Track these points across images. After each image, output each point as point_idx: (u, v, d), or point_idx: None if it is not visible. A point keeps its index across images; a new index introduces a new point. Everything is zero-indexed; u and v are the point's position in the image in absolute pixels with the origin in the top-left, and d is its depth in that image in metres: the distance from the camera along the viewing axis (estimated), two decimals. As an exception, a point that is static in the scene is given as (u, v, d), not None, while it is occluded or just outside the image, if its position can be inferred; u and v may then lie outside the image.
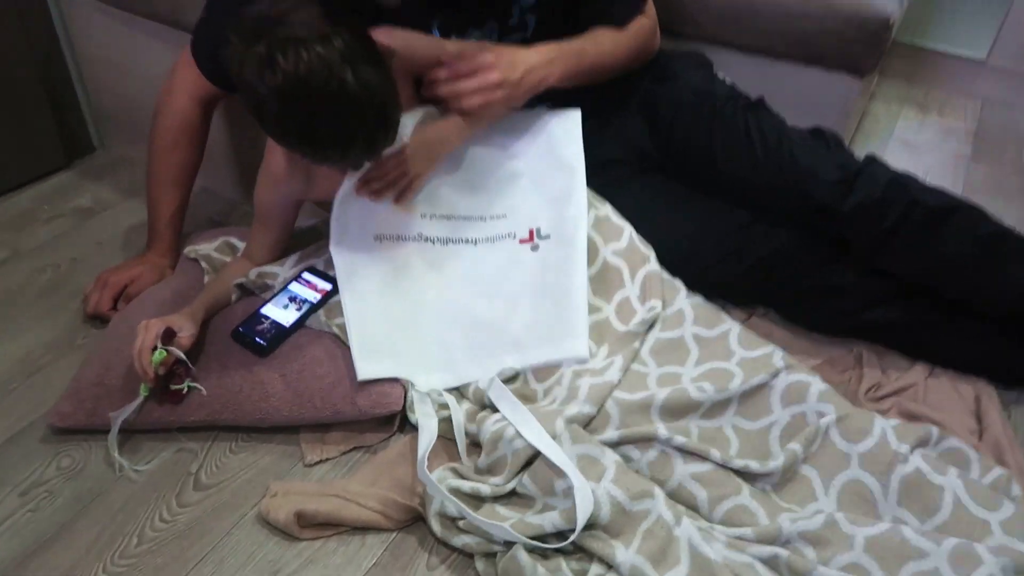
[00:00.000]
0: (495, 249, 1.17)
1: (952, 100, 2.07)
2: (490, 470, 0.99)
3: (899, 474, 0.92)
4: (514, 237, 1.17)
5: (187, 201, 1.34)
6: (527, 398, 1.05)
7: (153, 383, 1.04)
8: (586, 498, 0.88)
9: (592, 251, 1.16)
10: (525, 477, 0.95)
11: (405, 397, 1.08)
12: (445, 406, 1.07)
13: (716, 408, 1.01)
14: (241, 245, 1.30)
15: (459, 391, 1.10)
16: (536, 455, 0.94)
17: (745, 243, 1.18)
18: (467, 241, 1.18)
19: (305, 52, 0.87)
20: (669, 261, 1.20)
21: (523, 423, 0.97)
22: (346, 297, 1.12)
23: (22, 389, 1.17)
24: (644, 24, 1.25)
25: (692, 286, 1.20)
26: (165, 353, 1.03)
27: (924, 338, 1.16)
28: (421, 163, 1.11)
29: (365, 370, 1.06)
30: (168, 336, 1.04)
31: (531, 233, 1.17)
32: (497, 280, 1.14)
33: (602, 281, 1.15)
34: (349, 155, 0.98)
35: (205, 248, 1.32)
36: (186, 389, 1.07)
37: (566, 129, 1.21)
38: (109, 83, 1.65)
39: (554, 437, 0.95)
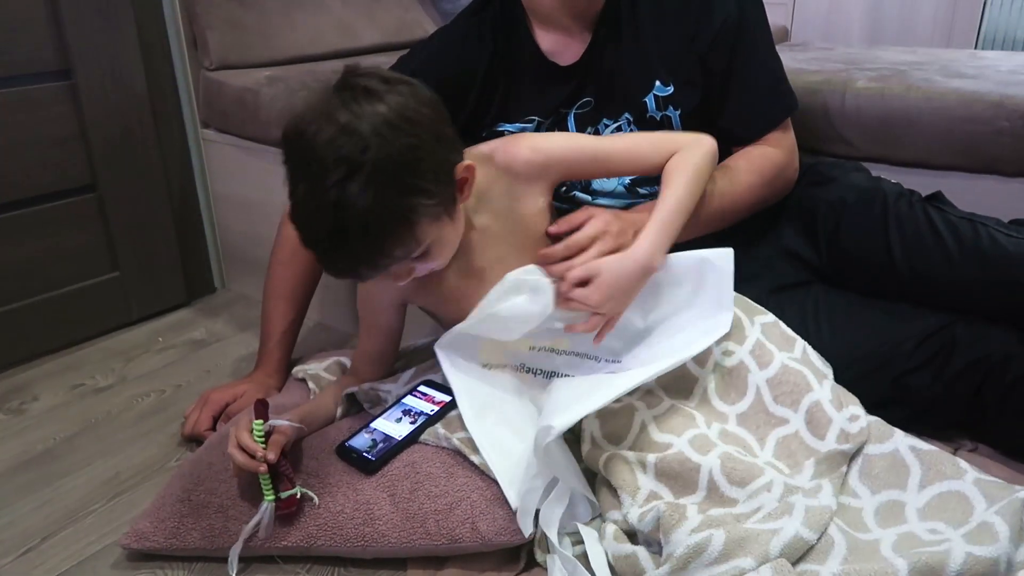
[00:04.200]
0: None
1: None
2: None
3: None
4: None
5: (300, 320, 1.26)
6: (723, 502, 0.83)
7: (267, 466, 0.89)
8: None
9: (766, 356, 0.96)
10: None
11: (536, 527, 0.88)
12: (579, 540, 0.86)
13: None
14: (352, 366, 1.19)
15: (601, 516, 0.89)
16: None
17: (949, 345, 0.97)
18: (568, 376, 1.01)
19: (340, 113, 0.78)
20: (859, 373, 0.99)
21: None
22: (467, 413, 0.97)
23: (102, 511, 1.04)
24: (772, 158, 1.10)
25: (890, 405, 0.99)
26: (262, 423, 0.90)
27: None
28: (617, 305, 0.93)
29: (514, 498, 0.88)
30: (261, 410, 0.91)
31: None
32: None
33: (783, 385, 0.94)
34: (321, 254, 0.85)
35: (314, 367, 1.21)
36: (299, 494, 0.91)
37: (717, 273, 1.00)
38: (237, 222, 1.67)
39: (762, 562, 0.72)
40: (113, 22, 1.44)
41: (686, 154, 0.96)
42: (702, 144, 0.98)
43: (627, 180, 1.10)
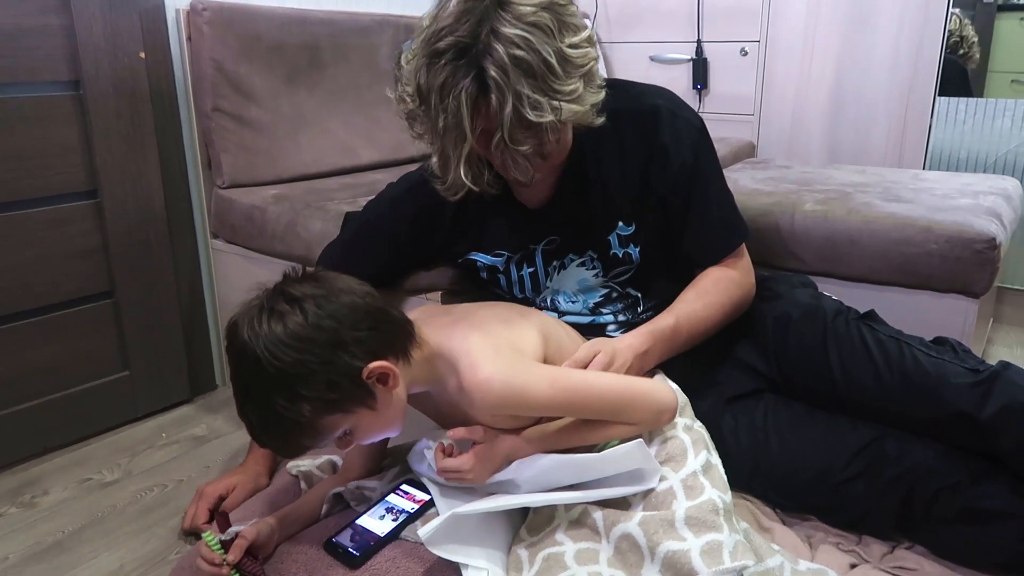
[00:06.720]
0: None
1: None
2: None
3: None
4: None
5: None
6: None
7: (235, 569, 0.98)
8: None
9: (697, 490, 1.02)
10: None
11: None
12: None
13: None
14: (343, 464, 1.29)
15: None
16: None
17: (879, 458, 1.08)
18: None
19: (266, 320, 0.90)
20: (802, 481, 1.10)
21: None
22: (442, 509, 1.07)
23: (107, 602, 1.12)
24: (734, 278, 1.21)
25: (831, 511, 1.09)
26: (210, 534, 0.99)
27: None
28: (482, 474, 1.03)
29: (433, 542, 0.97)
30: (222, 522, 1.02)
31: None
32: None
33: (698, 513, 0.98)
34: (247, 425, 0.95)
35: (307, 465, 1.31)
36: None
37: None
38: (240, 324, 1.80)
39: None
40: (138, 148, 1.61)
41: (621, 428, 1.03)
42: (644, 423, 1.04)
43: (590, 304, 1.24)
